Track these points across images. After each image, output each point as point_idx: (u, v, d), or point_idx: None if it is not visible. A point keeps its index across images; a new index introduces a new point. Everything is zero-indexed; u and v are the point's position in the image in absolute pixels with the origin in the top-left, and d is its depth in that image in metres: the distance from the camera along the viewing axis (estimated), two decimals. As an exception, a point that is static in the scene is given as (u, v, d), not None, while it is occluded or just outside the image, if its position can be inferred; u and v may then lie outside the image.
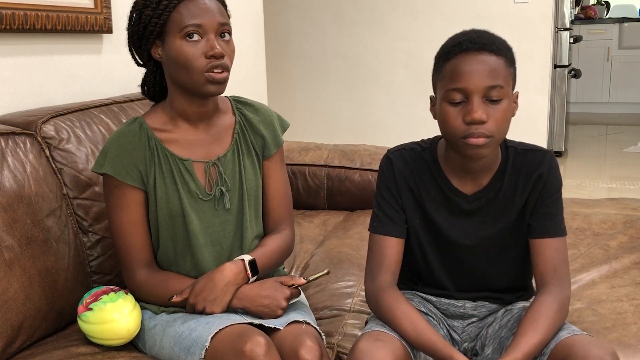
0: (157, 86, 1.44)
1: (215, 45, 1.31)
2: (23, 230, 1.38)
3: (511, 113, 1.24)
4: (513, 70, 1.25)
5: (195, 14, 1.31)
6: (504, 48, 1.23)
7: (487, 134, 1.20)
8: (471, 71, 1.19)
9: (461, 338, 1.38)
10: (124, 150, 1.36)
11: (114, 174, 1.35)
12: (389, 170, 1.36)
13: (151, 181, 1.37)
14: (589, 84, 7.35)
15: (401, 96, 4.84)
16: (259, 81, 3.08)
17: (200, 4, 1.32)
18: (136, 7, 1.36)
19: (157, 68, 1.41)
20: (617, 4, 8.02)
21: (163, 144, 1.39)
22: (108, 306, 1.33)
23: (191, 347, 1.26)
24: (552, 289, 1.26)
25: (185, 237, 1.39)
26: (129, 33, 1.39)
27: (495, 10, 4.49)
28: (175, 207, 1.38)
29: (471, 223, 1.33)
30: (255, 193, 1.47)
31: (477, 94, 1.19)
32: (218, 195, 1.41)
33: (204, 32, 1.31)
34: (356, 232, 2.03)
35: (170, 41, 1.32)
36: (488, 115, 1.19)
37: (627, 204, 2.13)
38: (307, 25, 5.06)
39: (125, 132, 1.38)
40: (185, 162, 1.39)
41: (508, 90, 1.22)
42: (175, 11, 1.31)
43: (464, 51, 1.20)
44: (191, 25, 1.30)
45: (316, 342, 1.26)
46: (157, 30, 1.32)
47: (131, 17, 1.38)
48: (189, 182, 1.39)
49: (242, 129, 1.47)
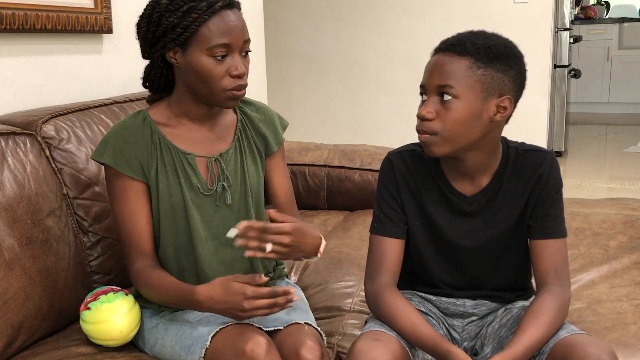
0: (162, 80, 1.42)
1: (240, 65, 1.32)
2: (23, 230, 1.38)
3: (470, 115, 1.20)
4: (487, 73, 1.20)
5: (224, 32, 1.29)
6: (475, 49, 1.20)
7: (429, 132, 1.22)
8: (429, 70, 1.24)
9: (461, 337, 1.38)
10: (125, 141, 1.35)
11: (114, 165, 1.35)
12: (389, 172, 1.37)
13: (153, 174, 1.37)
14: (589, 84, 7.35)
15: (401, 96, 4.84)
16: (259, 81, 3.08)
17: (229, 20, 1.30)
18: (157, 8, 1.30)
19: (165, 63, 1.38)
20: (617, 4, 8.02)
21: (166, 137, 1.39)
22: (104, 306, 1.33)
23: (192, 346, 1.27)
24: (553, 289, 1.26)
25: (186, 230, 1.39)
26: (143, 29, 1.34)
27: (495, 10, 4.49)
28: (177, 200, 1.38)
29: (471, 224, 1.34)
30: (257, 190, 1.47)
31: (431, 92, 1.23)
32: (220, 190, 1.41)
33: (230, 51, 1.31)
34: (356, 232, 2.03)
35: (194, 53, 1.30)
36: (437, 113, 1.21)
37: (627, 204, 2.13)
38: (307, 25, 5.06)
39: (128, 124, 1.38)
40: (188, 155, 1.39)
41: (464, 91, 1.20)
42: (204, 26, 1.28)
43: (436, 51, 1.26)
44: (220, 44, 1.29)
45: (317, 342, 1.27)
46: (180, 39, 1.29)
47: (150, 15, 1.32)
48: (191, 176, 1.39)
49: (244, 127, 1.48)
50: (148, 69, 1.42)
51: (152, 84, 1.42)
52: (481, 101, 1.21)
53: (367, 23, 4.88)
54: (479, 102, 1.21)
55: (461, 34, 1.25)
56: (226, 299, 1.21)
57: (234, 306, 1.21)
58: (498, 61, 1.21)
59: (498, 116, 1.23)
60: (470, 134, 1.23)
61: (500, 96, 1.22)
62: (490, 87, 1.21)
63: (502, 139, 1.34)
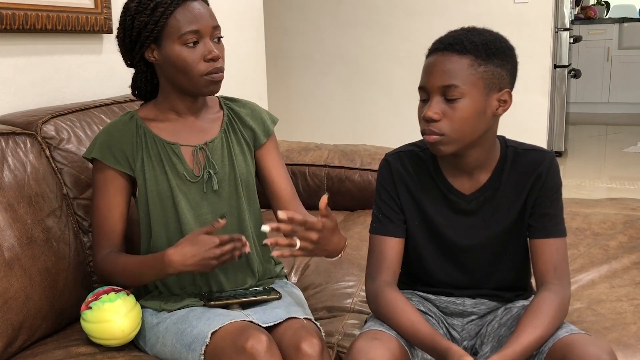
0: (148, 85, 1.48)
1: (212, 48, 1.38)
2: (23, 230, 1.38)
3: (476, 112, 1.22)
4: (488, 69, 1.21)
5: (191, 20, 1.36)
6: (474, 47, 1.21)
7: (437, 132, 1.22)
8: (430, 71, 1.24)
9: (461, 336, 1.38)
10: (111, 137, 1.43)
11: (101, 158, 1.41)
12: (387, 172, 1.37)
13: (139, 165, 1.42)
14: (589, 84, 7.34)
15: (401, 96, 4.84)
16: (259, 81, 3.08)
17: (194, 10, 1.37)
18: (128, 12, 1.40)
19: (148, 68, 1.46)
20: (617, 4, 8.02)
21: (152, 130, 1.44)
22: (106, 306, 1.34)
23: (192, 344, 1.27)
24: (553, 288, 1.27)
25: (175, 220, 1.43)
26: (120, 36, 1.43)
27: (495, 10, 4.49)
28: (164, 188, 1.42)
29: (470, 222, 1.34)
30: (247, 179, 1.50)
31: (434, 93, 1.23)
32: (206, 177, 1.44)
33: (200, 37, 1.37)
34: (356, 232, 2.03)
35: (168, 46, 1.37)
36: (443, 113, 1.22)
37: (626, 204, 2.13)
38: (307, 25, 5.06)
39: (116, 122, 1.46)
40: (173, 145, 1.44)
41: (469, 89, 1.21)
42: (172, 17, 1.36)
43: (432, 51, 1.26)
44: (189, 31, 1.36)
45: (317, 337, 1.28)
46: (153, 35, 1.37)
47: (124, 21, 1.41)
48: (177, 164, 1.43)
49: (231, 121, 1.52)
50: (134, 77, 1.49)
51: (140, 90, 1.50)
52: (484, 97, 1.22)
53: (367, 23, 4.88)
54: (482, 98, 1.22)
55: (454, 32, 1.26)
56: (197, 251, 1.28)
57: (207, 255, 1.28)
58: (496, 56, 1.23)
59: (500, 110, 1.25)
60: (476, 130, 1.24)
61: (500, 90, 1.24)
62: (491, 83, 1.23)
63: (500, 137, 1.35)
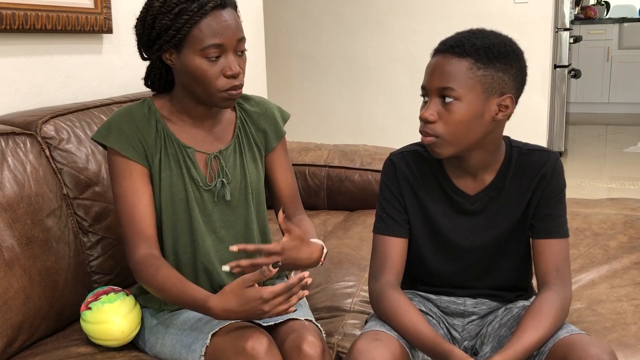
0: (162, 80, 1.43)
1: (234, 65, 1.30)
2: (23, 230, 1.38)
3: (472, 116, 1.21)
4: (488, 73, 1.20)
5: (216, 32, 1.28)
6: (475, 50, 1.20)
7: (432, 134, 1.22)
8: (430, 72, 1.24)
9: (461, 336, 1.38)
10: (130, 126, 1.36)
11: (119, 150, 1.34)
12: (391, 172, 1.37)
13: (156, 162, 1.37)
14: (589, 84, 7.35)
15: (401, 96, 4.84)
16: (259, 81, 3.08)
17: (221, 20, 1.28)
18: (150, 10, 1.31)
19: (163, 65, 1.40)
20: (617, 4, 8.02)
21: (170, 129, 1.40)
22: (105, 307, 1.34)
23: (192, 344, 1.27)
24: (555, 288, 1.27)
25: (185, 222, 1.39)
26: (139, 32, 1.35)
27: (495, 10, 4.49)
28: (179, 191, 1.38)
29: (474, 223, 1.34)
30: (257, 187, 1.48)
31: (432, 94, 1.23)
32: (219, 186, 1.41)
33: (223, 51, 1.30)
34: (356, 232, 2.03)
35: (188, 55, 1.30)
36: (439, 115, 1.22)
37: (627, 204, 2.13)
38: (307, 25, 5.06)
39: (134, 110, 1.38)
40: (189, 149, 1.40)
41: (465, 92, 1.20)
42: (196, 27, 1.27)
43: (435, 52, 1.26)
44: (212, 45, 1.28)
45: (318, 337, 1.27)
46: (173, 42, 1.29)
47: (144, 18, 1.33)
48: (191, 169, 1.40)
49: (243, 124, 1.48)
50: (148, 69, 1.43)
51: (153, 84, 1.44)
52: (482, 101, 1.21)
53: (367, 23, 4.88)
54: (480, 102, 1.21)
55: (460, 34, 1.25)
56: (243, 307, 1.18)
57: (254, 312, 1.18)
58: (498, 60, 1.21)
59: (500, 115, 1.23)
60: (472, 134, 1.23)
61: (501, 95, 1.22)
62: (491, 87, 1.21)
63: (505, 138, 1.34)
